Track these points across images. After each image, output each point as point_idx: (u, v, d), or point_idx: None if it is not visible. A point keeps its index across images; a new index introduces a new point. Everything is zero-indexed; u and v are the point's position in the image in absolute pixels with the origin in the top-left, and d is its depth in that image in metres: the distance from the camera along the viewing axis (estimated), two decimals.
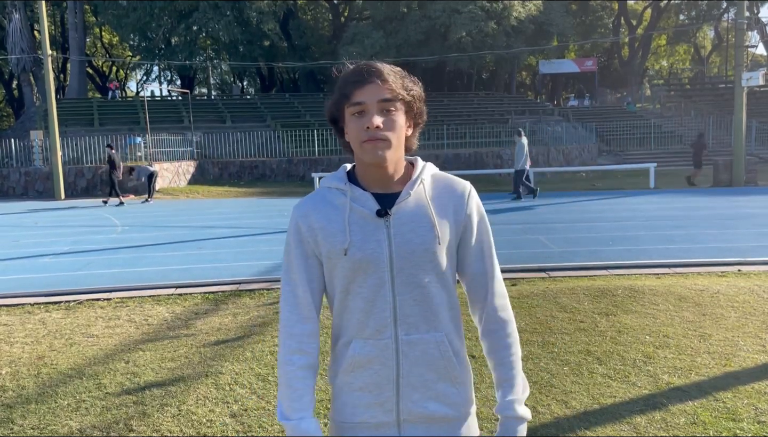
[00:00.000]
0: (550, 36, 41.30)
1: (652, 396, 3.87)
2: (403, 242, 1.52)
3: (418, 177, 1.58)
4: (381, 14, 37.07)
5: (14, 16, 33.96)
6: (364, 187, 1.57)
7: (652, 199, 16.14)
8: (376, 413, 1.55)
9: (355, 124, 1.50)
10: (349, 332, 1.57)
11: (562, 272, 7.67)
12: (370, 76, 1.49)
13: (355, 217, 1.54)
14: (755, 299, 6.00)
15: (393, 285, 1.52)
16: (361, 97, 1.48)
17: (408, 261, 1.52)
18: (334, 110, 1.57)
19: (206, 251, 9.92)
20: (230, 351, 4.95)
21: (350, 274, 1.53)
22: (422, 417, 1.56)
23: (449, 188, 1.60)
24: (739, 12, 20.71)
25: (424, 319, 1.54)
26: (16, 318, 6.31)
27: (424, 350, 1.54)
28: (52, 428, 3.72)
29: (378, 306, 1.53)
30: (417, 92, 1.57)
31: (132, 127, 29.18)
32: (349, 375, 1.56)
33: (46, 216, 15.99)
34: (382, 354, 1.53)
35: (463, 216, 1.59)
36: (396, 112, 1.51)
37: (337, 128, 1.59)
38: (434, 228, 1.54)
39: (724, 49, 52.05)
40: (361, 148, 1.50)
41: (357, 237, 1.52)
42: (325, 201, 1.58)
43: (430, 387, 1.55)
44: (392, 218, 1.53)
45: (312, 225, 1.56)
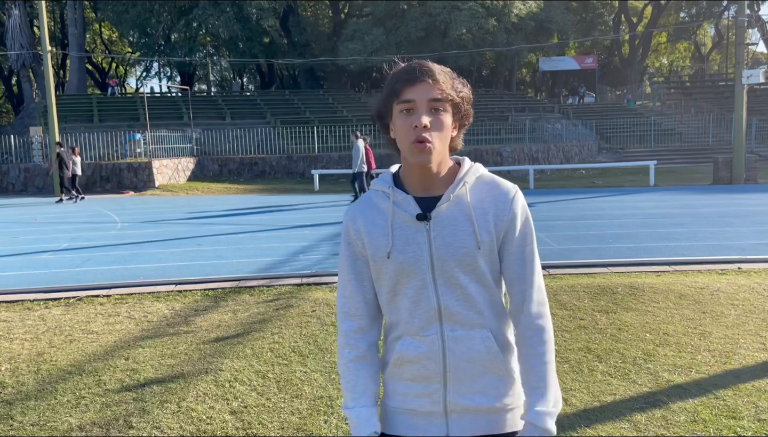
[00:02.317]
0: (550, 33, 41.28)
1: (652, 394, 3.86)
2: (442, 245, 1.55)
3: (461, 179, 1.59)
4: (381, 11, 37.04)
5: (14, 12, 33.90)
6: (408, 190, 1.60)
7: (652, 196, 16.14)
8: (425, 403, 1.60)
9: (402, 122, 1.52)
10: (398, 328, 1.63)
11: (562, 269, 7.66)
12: (422, 74, 1.51)
13: (397, 220, 1.58)
14: (755, 297, 6.00)
15: (435, 285, 1.57)
16: (411, 95, 1.50)
17: (448, 264, 1.55)
18: (381, 106, 1.59)
19: (206, 248, 9.92)
20: (230, 348, 4.95)
21: (395, 276, 1.58)
22: (468, 409, 1.59)
23: (494, 191, 1.60)
24: (739, 9, 20.69)
25: (468, 317, 1.57)
26: (15, 315, 6.31)
27: (470, 346, 1.57)
28: (51, 425, 3.71)
29: (423, 305, 1.57)
30: (466, 94, 1.59)
31: (131, 123, 29.14)
32: (398, 367, 1.63)
33: (45, 212, 15.98)
34: (430, 349, 1.58)
35: (505, 219, 1.58)
36: (444, 112, 1.53)
37: (382, 124, 1.62)
38: (474, 232, 1.55)
39: (724, 47, 52.06)
40: (409, 149, 1.52)
41: (399, 240, 1.57)
42: (372, 204, 1.64)
43: (476, 381, 1.59)
44: (432, 222, 1.56)
45: (359, 228, 1.63)
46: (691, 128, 35.67)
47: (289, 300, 6.42)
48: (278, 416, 3.73)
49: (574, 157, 30.42)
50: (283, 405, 3.87)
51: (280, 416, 3.73)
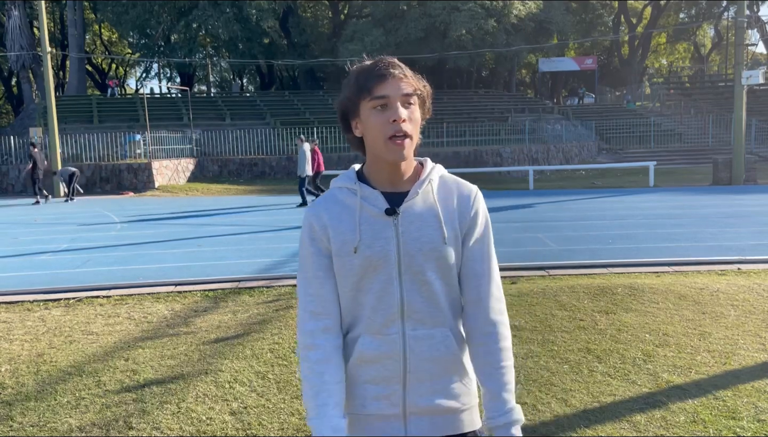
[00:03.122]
0: (550, 34, 41.28)
1: (651, 395, 3.87)
2: (410, 240, 1.55)
3: (427, 177, 1.61)
4: (381, 12, 37.04)
5: (13, 13, 33.90)
6: (374, 186, 1.60)
7: (651, 197, 16.14)
8: (383, 405, 1.58)
9: (377, 118, 1.52)
10: (358, 327, 1.60)
11: (562, 270, 7.67)
12: (393, 69, 1.53)
13: (365, 215, 1.57)
14: (755, 297, 6.00)
15: (401, 281, 1.56)
16: (384, 91, 1.51)
17: (415, 259, 1.55)
18: (348, 104, 1.57)
19: (205, 248, 9.92)
20: (230, 349, 4.95)
21: (360, 271, 1.56)
22: (428, 410, 1.58)
23: (457, 190, 1.63)
24: (739, 10, 20.70)
25: (430, 315, 1.57)
26: (15, 316, 6.31)
27: (431, 345, 1.57)
28: (51, 425, 3.71)
29: (386, 301, 1.56)
30: (429, 89, 1.62)
31: (131, 124, 29.14)
32: (357, 368, 1.59)
33: (45, 213, 15.98)
34: (390, 349, 1.56)
35: (468, 218, 1.61)
36: (415, 106, 1.55)
37: (345, 123, 1.61)
38: (441, 228, 1.57)
39: (724, 48, 52.05)
40: (386, 145, 1.52)
41: (367, 235, 1.56)
42: (337, 200, 1.62)
43: (436, 381, 1.58)
44: (400, 216, 1.56)
45: (324, 223, 1.60)
46: (691, 129, 35.67)
47: (289, 301, 6.42)
48: (278, 417, 3.73)
49: (573, 158, 30.42)
50: (283, 406, 3.87)
51: (279, 417, 3.73)
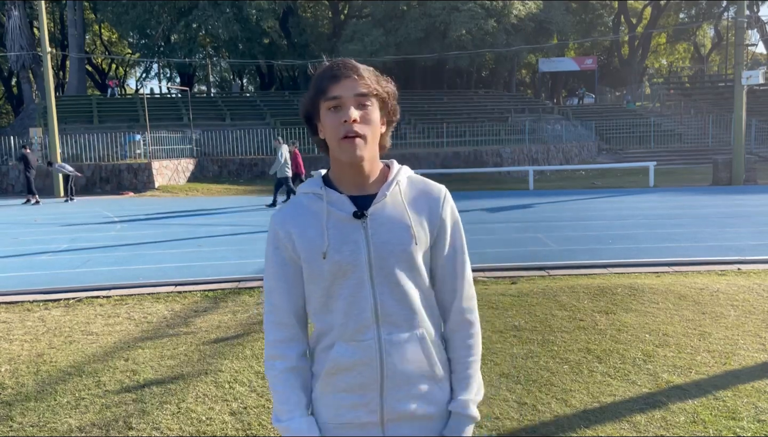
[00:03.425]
0: (550, 34, 41.28)
1: (651, 395, 3.86)
2: (380, 243, 1.54)
3: (394, 178, 1.59)
4: (381, 12, 37.03)
5: (13, 14, 33.90)
6: (340, 190, 1.58)
7: (651, 197, 16.14)
8: (360, 414, 1.56)
9: (331, 119, 1.51)
10: (330, 335, 1.57)
11: (562, 270, 7.67)
12: (346, 70, 1.51)
13: (332, 220, 1.55)
14: (755, 297, 6.00)
15: (373, 284, 1.54)
16: (337, 91, 1.50)
17: (386, 261, 1.54)
18: (309, 106, 1.57)
19: (205, 249, 9.92)
20: (230, 349, 4.95)
21: (330, 277, 1.54)
22: (405, 416, 1.57)
23: (425, 191, 1.62)
24: (739, 10, 20.70)
25: (405, 318, 1.56)
26: (15, 316, 6.31)
27: (407, 349, 1.55)
28: (51, 426, 3.71)
29: (359, 306, 1.54)
30: (391, 89, 1.59)
31: (131, 124, 29.14)
32: (331, 376, 1.57)
33: (45, 213, 15.98)
34: (366, 355, 1.54)
35: (437, 218, 1.60)
36: (371, 107, 1.53)
37: (311, 127, 1.60)
38: (410, 229, 1.56)
39: (724, 48, 52.05)
40: (339, 145, 1.51)
41: (335, 240, 1.54)
42: (303, 207, 1.60)
43: (413, 386, 1.57)
44: (369, 219, 1.55)
45: (289, 231, 1.57)
46: (691, 129, 35.68)
47: None
48: None
49: (573, 158, 30.42)
50: None
51: None
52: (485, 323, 5.38)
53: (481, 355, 1.66)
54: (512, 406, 3.76)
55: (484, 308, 5.86)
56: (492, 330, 5.20)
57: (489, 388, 4.04)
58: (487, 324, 5.34)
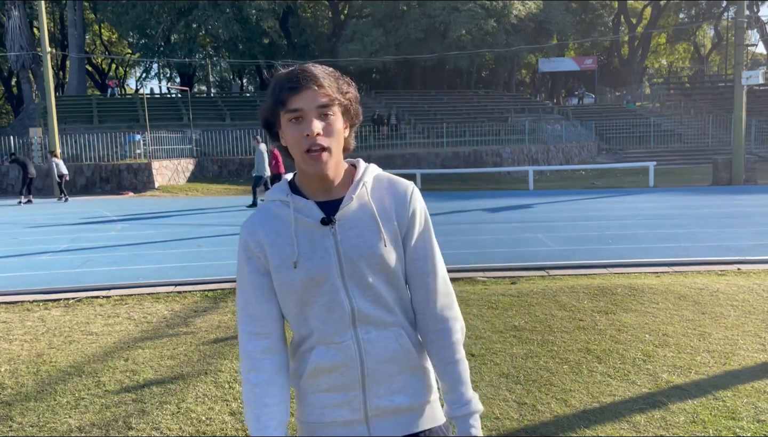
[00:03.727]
0: (549, 34, 41.29)
1: (651, 395, 3.87)
2: (350, 247, 1.52)
3: (360, 180, 1.57)
4: (381, 12, 37.04)
5: (13, 14, 33.90)
6: (307, 196, 1.56)
7: (651, 197, 16.14)
8: (344, 412, 1.56)
9: (293, 131, 1.48)
10: (310, 339, 1.56)
11: (562, 270, 7.67)
12: (306, 81, 1.46)
13: (300, 228, 1.53)
14: (755, 298, 6.00)
15: (346, 289, 1.53)
16: (298, 104, 1.46)
17: (357, 266, 1.52)
18: (268, 115, 1.54)
19: (205, 249, 9.92)
20: (229, 349, 4.95)
21: (302, 286, 1.52)
22: (389, 411, 1.57)
23: (392, 189, 1.60)
24: (739, 10, 20.71)
25: (380, 316, 1.55)
26: (15, 316, 6.31)
27: (385, 346, 1.55)
28: (51, 426, 3.71)
29: (336, 312, 1.53)
30: (352, 94, 1.56)
31: (131, 124, 29.14)
32: (313, 378, 1.57)
33: (45, 213, 15.98)
34: (346, 356, 1.53)
35: (405, 216, 1.58)
36: (334, 116, 1.50)
37: (271, 133, 1.58)
38: (380, 231, 1.54)
39: (723, 48, 52.07)
40: (303, 158, 1.48)
41: (305, 248, 1.52)
42: (270, 215, 1.57)
43: (393, 381, 1.57)
44: (337, 225, 1.53)
45: (260, 240, 1.56)
46: (691, 129, 35.69)
47: None
48: None
49: (573, 158, 30.43)
50: None
51: None
52: (485, 323, 5.38)
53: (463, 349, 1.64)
54: (512, 406, 3.76)
55: (484, 308, 5.86)
56: (492, 330, 5.20)
57: (489, 388, 4.04)
58: (486, 324, 5.35)
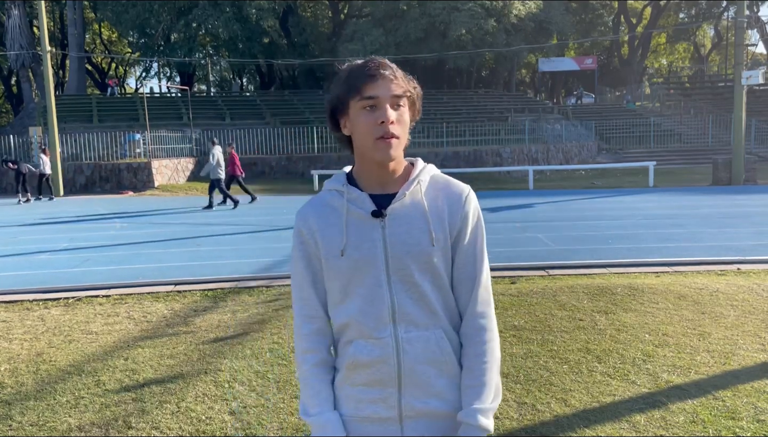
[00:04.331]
0: (549, 34, 41.28)
1: (651, 395, 3.87)
2: (397, 242, 1.54)
3: (416, 178, 1.59)
4: (381, 12, 37.04)
5: (13, 13, 33.89)
6: (363, 188, 1.59)
7: (651, 197, 16.14)
8: (379, 409, 1.57)
9: (366, 118, 1.51)
10: (349, 332, 1.58)
11: (562, 270, 7.67)
12: (383, 70, 1.51)
13: (352, 218, 1.56)
14: (754, 298, 6.00)
15: (389, 284, 1.54)
16: (374, 91, 1.50)
17: (403, 262, 1.54)
18: (337, 103, 1.56)
19: (205, 248, 9.91)
20: (229, 349, 4.95)
21: (348, 274, 1.55)
22: (423, 413, 1.57)
23: (447, 190, 1.61)
24: (739, 10, 20.70)
25: (422, 317, 1.55)
26: (14, 315, 6.31)
27: (425, 347, 1.55)
28: (50, 425, 3.71)
29: (376, 305, 1.54)
30: (419, 91, 1.61)
31: (131, 123, 29.13)
32: (351, 371, 1.58)
33: (44, 212, 15.97)
34: (384, 352, 1.55)
35: (458, 219, 1.59)
36: (404, 108, 1.54)
37: (333, 121, 1.59)
38: (429, 230, 1.55)
39: (723, 48, 52.05)
40: (374, 145, 1.51)
41: (353, 238, 1.55)
42: (325, 203, 1.61)
43: (431, 384, 1.56)
44: (387, 219, 1.54)
45: (312, 227, 1.59)
46: (691, 129, 35.69)
47: (288, 301, 6.42)
48: (277, 416, 3.73)
49: (573, 158, 30.42)
50: (282, 406, 3.87)
51: (279, 416, 3.73)
52: None
53: (499, 361, 1.61)
54: (512, 406, 3.76)
55: None
56: None
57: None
58: None
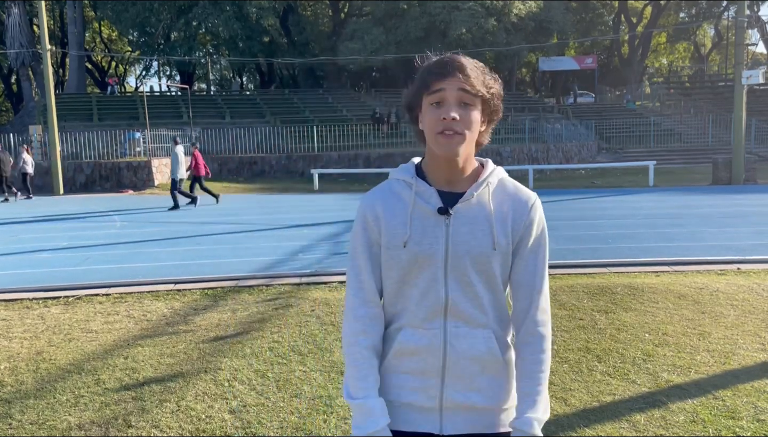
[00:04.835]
0: (550, 33, 41.27)
1: (651, 394, 3.86)
2: (459, 242, 1.55)
3: (485, 179, 1.60)
4: (381, 11, 37.04)
5: (13, 11, 33.88)
6: (430, 182, 1.60)
7: (651, 196, 16.14)
8: (421, 397, 1.59)
9: (432, 114, 1.52)
10: (401, 319, 1.61)
11: (562, 269, 7.66)
12: (453, 68, 1.52)
13: (417, 211, 1.57)
14: (754, 297, 6.00)
15: (446, 280, 1.56)
16: (441, 87, 1.51)
17: (461, 261, 1.55)
18: (412, 98, 1.60)
19: (205, 247, 9.91)
20: (229, 348, 4.94)
21: (407, 266, 1.57)
22: (464, 406, 1.59)
23: (514, 195, 1.62)
24: (739, 10, 20.70)
25: (473, 316, 1.57)
26: (14, 313, 6.30)
27: (471, 344, 1.57)
28: (50, 423, 3.71)
29: (430, 298, 1.56)
30: (496, 90, 1.60)
31: (131, 122, 29.14)
32: (397, 358, 1.61)
33: (44, 211, 15.96)
34: (431, 343, 1.57)
35: (522, 225, 1.59)
36: (473, 107, 1.54)
37: (411, 116, 1.62)
38: (492, 233, 1.56)
39: (724, 47, 52.06)
40: (435, 139, 1.52)
41: (417, 231, 1.56)
42: (392, 193, 1.62)
43: (474, 379, 1.58)
44: (452, 217, 1.56)
45: (377, 215, 1.61)
46: (691, 128, 35.69)
47: (288, 300, 6.42)
48: (277, 415, 3.73)
49: (573, 157, 30.41)
50: (282, 405, 3.87)
51: (279, 415, 3.73)
52: None
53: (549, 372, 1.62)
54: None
55: None
56: None
57: None
58: None
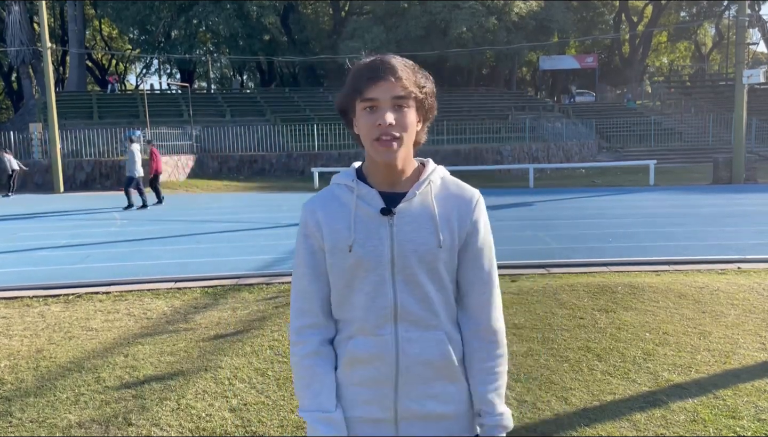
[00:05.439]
0: (550, 32, 41.25)
1: (651, 394, 3.86)
2: (404, 241, 1.53)
3: (427, 178, 1.58)
4: (381, 9, 37.04)
5: (14, 9, 33.86)
6: (372, 185, 1.57)
7: (651, 196, 16.14)
8: (374, 409, 1.55)
9: (366, 120, 1.50)
10: (350, 327, 1.57)
11: (562, 269, 7.66)
12: (384, 72, 1.49)
13: (360, 214, 1.55)
14: (755, 297, 6.00)
15: (394, 282, 1.53)
16: (374, 94, 1.48)
17: (408, 261, 1.52)
18: (344, 102, 1.56)
19: (205, 245, 9.91)
20: (229, 346, 4.94)
21: (352, 270, 1.54)
22: (420, 415, 1.55)
23: (457, 193, 1.60)
24: (740, 9, 20.68)
25: (424, 318, 1.54)
26: (14, 311, 6.30)
27: (424, 348, 1.54)
28: (50, 421, 3.71)
29: (379, 302, 1.53)
30: (429, 88, 1.57)
31: (131, 120, 29.13)
32: (348, 368, 1.57)
33: (44, 210, 15.96)
34: (382, 350, 1.53)
35: (467, 223, 1.58)
36: (408, 109, 1.51)
37: (346, 119, 1.59)
38: (437, 231, 1.54)
39: (724, 47, 52.04)
40: (373, 146, 1.50)
41: (361, 234, 1.54)
42: (334, 197, 1.60)
43: (428, 385, 1.55)
44: (396, 217, 1.53)
45: (319, 221, 1.58)
46: (691, 128, 35.68)
47: (289, 298, 6.40)
48: (278, 414, 3.73)
49: (574, 156, 30.40)
50: (282, 403, 3.87)
51: (279, 414, 3.73)
52: None
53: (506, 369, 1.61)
54: (512, 404, 3.75)
55: None
56: None
57: None
58: None
